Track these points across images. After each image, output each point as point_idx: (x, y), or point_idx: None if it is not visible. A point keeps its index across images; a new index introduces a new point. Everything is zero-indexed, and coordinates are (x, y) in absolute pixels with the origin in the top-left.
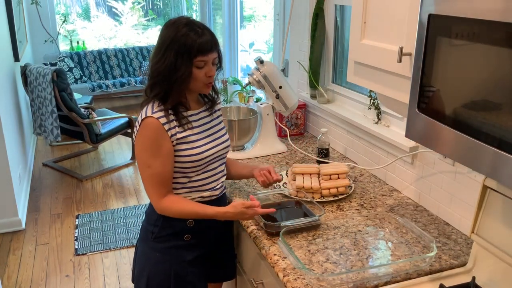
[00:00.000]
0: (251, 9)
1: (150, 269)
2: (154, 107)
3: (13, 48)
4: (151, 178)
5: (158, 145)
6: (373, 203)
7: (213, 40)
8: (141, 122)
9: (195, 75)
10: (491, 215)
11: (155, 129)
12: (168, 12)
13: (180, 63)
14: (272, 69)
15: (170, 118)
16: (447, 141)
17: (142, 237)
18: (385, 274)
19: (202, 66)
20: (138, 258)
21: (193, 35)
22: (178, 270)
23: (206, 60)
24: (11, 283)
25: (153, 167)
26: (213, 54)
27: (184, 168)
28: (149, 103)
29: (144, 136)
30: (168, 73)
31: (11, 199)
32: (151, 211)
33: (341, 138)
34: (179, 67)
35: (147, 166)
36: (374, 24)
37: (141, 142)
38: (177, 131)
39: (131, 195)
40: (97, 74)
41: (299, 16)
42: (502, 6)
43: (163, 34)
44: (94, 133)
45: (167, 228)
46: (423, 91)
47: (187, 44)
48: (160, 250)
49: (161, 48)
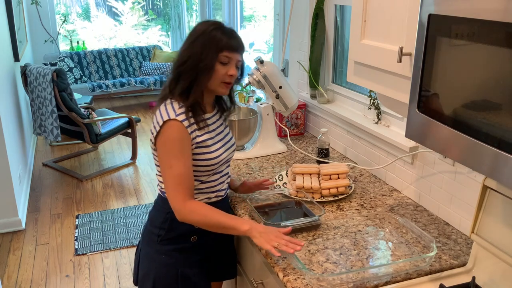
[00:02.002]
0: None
1: (156, 272)
2: (175, 108)
3: (13, 48)
4: (174, 180)
5: (182, 146)
6: (373, 203)
7: (241, 43)
8: (164, 124)
9: (217, 70)
10: (491, 215)
11: (180, 131)
12: (168, 12)
13: (206, 54)
14: (272, 69)
15: (191, 121)
16: (447, 141)
17: (146, 240)
18: (385, 274)
19: (226, 62)
20: (142, 261)
21: (222, 33)
22: (185, 272)
23: (231, 58)
24: (11, 283)
25: (175, 168)
26: (238, 55)
27: (198, 171)
28: (166, 101)
29: (167, 137)
30: (192, 62)
31: (11, 199)
32: (155, 213)
33: (341, 138)
34: (204, 58)
35: (169, 166)
36: (374, 24)
37: (163, 143)
38: (196, 134)
39: (131, 195)
40: (97, 74)
41: (299, 16)
42: (502, 6)
43: (193, 30)
44: (94, 133)
45: (174, 230)
46: (423, 91)
47: (216, 38)
48: (166, 252)
49: (188, 40)
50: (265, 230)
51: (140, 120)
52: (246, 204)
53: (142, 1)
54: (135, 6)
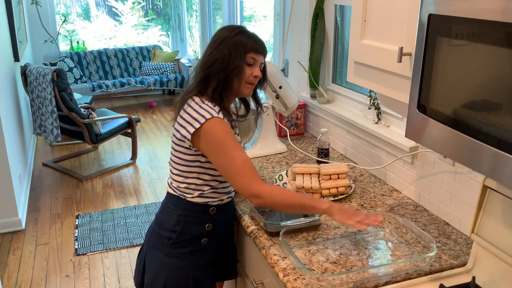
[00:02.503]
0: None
1: (166, 275)
2: (211, 105)
3: (13, 48)
4: (243, 167)
5: (232, 135)
6: (373, 203)
7: (265, 45)
8: (207, 122)
9: (244, 71)
10: (491, 215)
11: (225, 124)
12: (168, 12)
13: (234, 56)
14: (272, 69)
15: (226, 119)
16: (447, 141)
17: (154, 244)
18: (385, 274)
19: (252, 64)
20: (150, 265)
21: (247, 36)
22: (196, 274)
23: (256, 59)
24: (11, 283)
25: (237, 156)
26: (262, 57)
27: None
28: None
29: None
30: (220, 64)
31: (11, 199)
32: (165, 216)
33: (341, 138)
34: (233, 60)
35: (232, 158)
36: (374, 24)
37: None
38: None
39: (131, 195)
40: (97, 74)
41: (299, 16)
42: (502, 6)
43: (216, 35)
44: (94, 133)
45: (186, 233)
46: (423, 91)
47: (242, 41)
48: (177, 256)
49: (213, 44)
50: (342, 208)
51: (140, 120)
52: (246, 204)
53: (142, 1)
54: (135, 6)
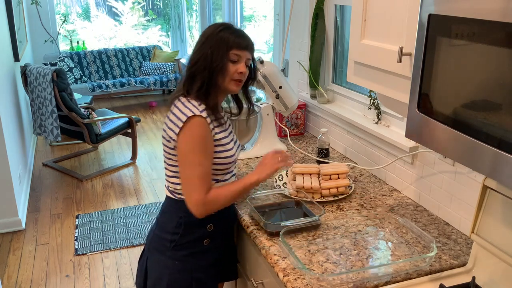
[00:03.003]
0: (251, 9)
1: (169, 278)
2: (195, 104)
3: (13, 48)
4: (201, 176)
5: (208, 143)
6: (373, 203)
7: (249, 41)
8: (189, 120)
9: (227, 68)
10: (491, 215)
11: (204, 127)
12: (168, 12)
13: (217, 53)
14: (272, 69)
15: (212, 117)
16: (447, 141)
17: (155, 247)
18: (385, 274)
19: (236, 60)
20: (152, 268)
21: (230, 32)
22: (199, 276)
23: (240, 56)
24: (11, 283)
25: (204, 165)
26: (247, 53)
27: (216, 170)
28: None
29: (194, 133)
30: (204, 62)
31: (11, 199)
32: (166, 219)
33: (341, 138)
34: (215, 57)
35: (198, 164)
36: (374, 24)
37: (191, 140)
38: (216, 131)
39: (131, 195)
40: (97, 74)
41: (299, 16)
42: (502, 6)
43: (202, 33)
44: (94, 133)
45: (188, 235)
46: (423, 91)
47: (224, 38)
48: (179, 258)
49: (198, 43)
50: (263, 163)
51: (140, 120)
52: (246, 204)
53: (142, 1)
54: (135, 6)
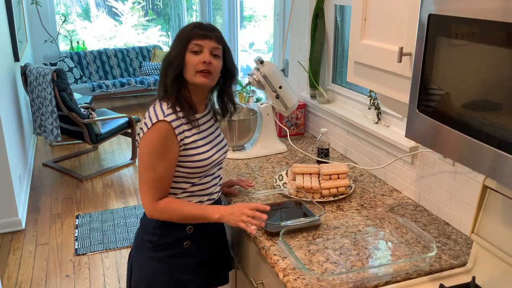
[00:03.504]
0: (251, 9)
1: (149, 279)
2: (163, 108)
3: (13, 48)
4: (152, 181)
5: (166, 149)
6: (373, 203)
7: (215, 31)
8: (153, 126)
9: (188, 60)
10: (491, 215)
11: (166, 132)
12: (168, 12)
13: (177, 49)
14: (272, 69)
15: (181, 121)
16: (447, 141)
17: (138, 247)
18: (385, 274)
19: (197, 50)
20: (134, 269)
21: (192, 26)
22: (179, 278)
23: (202, 45)
24: (11, 283)
25: (158, 171)
26: (210, 42)
27: (188, 173)
28: (155, 102)
29: (153, 138)
30: (166, 62)
31: (11, 199)
32: (147, 219)
33: (341, 138)
34: (176, 53)
35: (152, 169)
36: (374, 24)
37: (149, 144)
38: (185, 135)
39: (131, 195)
40: (97, 74)
41: (299, 16)
42: (502, 6)
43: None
44: (94, 133)
45: (166, 236)
46: (423, 91)
47: (184, 31)
48: (159, 259)
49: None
50: (232, 211)
51: (140, 120)
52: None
53: (142, 1)
54: (135, 6)
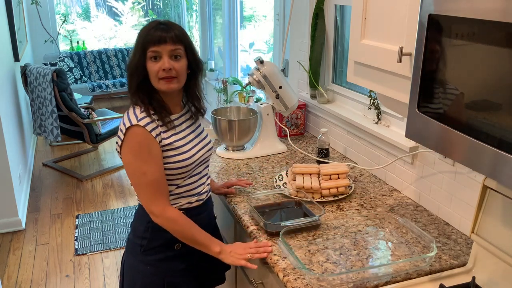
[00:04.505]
0: (251, 9)
1: (141, 283)
2: (136, 113)
3: (13, 48)
4: (148, 186)
5: (149, 150)
6: (373, 203)
7: (170, 31)
8: (127, 131)
9: (148, 68)
10: (491, 215)
11: (143, 136)
12: (168, 12)
13: (136, 59)
14: (272, 69)
15: (155, 124)
16: (447, 141)
17: (129, 250)
18: (385, 274)
19: (156, 57)
20: (126, 273)
21: (148, 29)
22: (171, 281)
23: (159, 51)
24: (11, 283)
25: (148, 174)
26: (167, 46)
27: (172, 174)
28: (129, 108)
29: (131, 145)
30: (129, 68)
31: (11, 199)
32: (136, 223)
33: (341, 138)
34: (135, 63)
35: (142, 173)
36: (374, 24)
37: (129, 152)
38: (162, 137)
39: (131, 195)
40: (97, 74)
41: (299, 16)
42: (502, 6)
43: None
44: (94, 133)
45: (157, 239)
46: (423, 91)
47: (141, 37)
48: (150, 263)
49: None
50: (232, 249)
51: None
52: (246, 204)
53: (142, 1)
54: (135, 6)
